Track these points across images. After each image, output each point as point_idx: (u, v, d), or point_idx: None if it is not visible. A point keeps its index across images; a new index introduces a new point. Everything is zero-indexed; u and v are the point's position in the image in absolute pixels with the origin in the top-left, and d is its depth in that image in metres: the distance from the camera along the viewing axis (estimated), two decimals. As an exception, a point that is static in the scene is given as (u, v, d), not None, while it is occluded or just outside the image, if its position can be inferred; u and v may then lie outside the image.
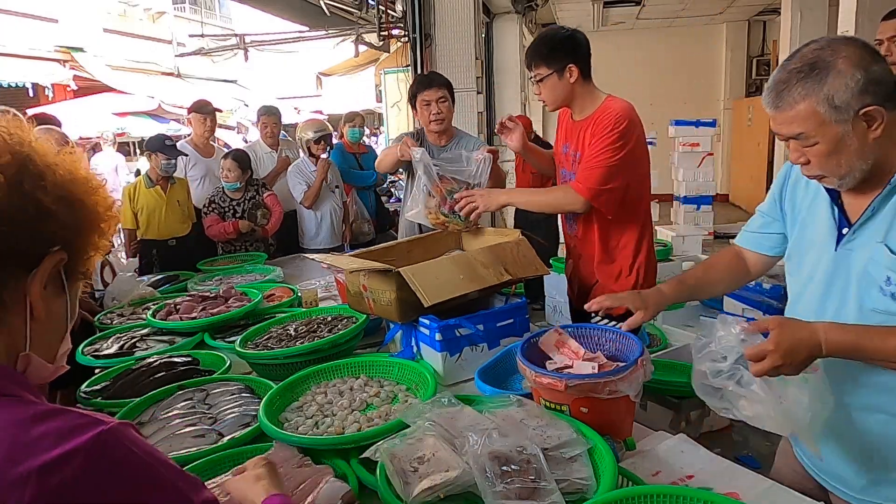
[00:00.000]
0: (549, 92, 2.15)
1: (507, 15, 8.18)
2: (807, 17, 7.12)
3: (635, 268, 2.27)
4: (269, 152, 4.50)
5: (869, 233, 1.21)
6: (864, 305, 1.20)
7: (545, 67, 2.12)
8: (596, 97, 2.17)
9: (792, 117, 1.15)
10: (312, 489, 1.19)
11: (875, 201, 1.19)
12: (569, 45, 2.11)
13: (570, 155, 2.25)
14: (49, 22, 11.40)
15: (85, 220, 0.79)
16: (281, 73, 15.33)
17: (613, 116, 2.07)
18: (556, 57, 2.11)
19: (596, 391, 1.30)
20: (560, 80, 2.12)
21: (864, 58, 1.11)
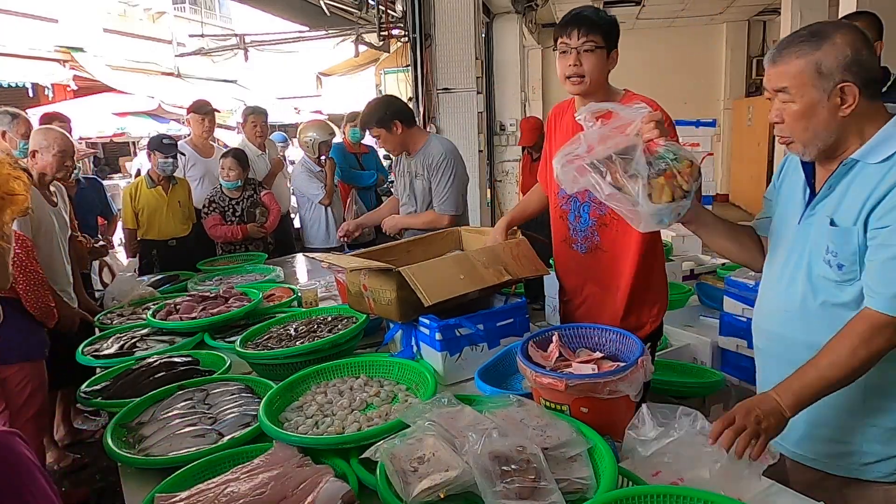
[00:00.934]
0: (594, 65, 1.89)
1: (507, 15, 8.18)
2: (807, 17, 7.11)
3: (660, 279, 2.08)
4: (259, 154, 4.45)
5: (823, 208, 1.34)
6: (812, 272, 1.34)
7: (602, 38, 1.89)
8: (614, 92, 2.00)
9: (783, 71, 1.28)
10: (312, 489, 1.19)
11: (831, 178, 1.32)
12: (617, 30, 1.96)
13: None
14: (49, 22, 11.39)
15: None
16: (281, 73, 15.33)
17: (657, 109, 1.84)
18: (612, 35, 1.93)
19: (596, 391, 1.30)
20: (606, 60, 1.92)
21: (858, 42, 1.24)
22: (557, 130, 2.11)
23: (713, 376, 2.54)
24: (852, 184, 1.29)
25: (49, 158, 2.74)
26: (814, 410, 1.31)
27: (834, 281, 1.30)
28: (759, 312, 1.53)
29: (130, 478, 1.45)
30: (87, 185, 3.84)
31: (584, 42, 1.88)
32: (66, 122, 4.09)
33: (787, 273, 1.41)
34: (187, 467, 1.35)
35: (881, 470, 1.34)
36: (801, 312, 1.37)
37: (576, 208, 2.05)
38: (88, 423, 3.72)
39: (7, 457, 0.66)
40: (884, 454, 1.33)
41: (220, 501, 1.18)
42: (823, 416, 1.36)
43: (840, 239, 1.28)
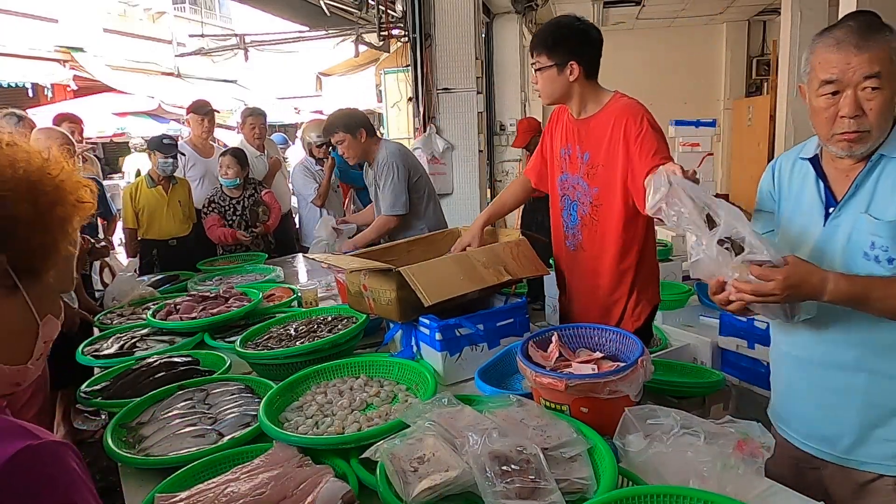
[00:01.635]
0: (545, 84, 2.01)
1: (507, 15, 8.17)
2: (807, 17, 7.12)
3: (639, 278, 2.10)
4: (258, 156, 4.45)
5: (853, 207, 1.31)
6: (851, 271, 1.28)
7: (546, 58, 1.98)
8: (601, 95, 2.03)
9: (875, 57, 1.21)
10: (312, 489, 1.19)
11: (858, 177, 1.30)
12: (577, 39, 1.97)
13: (577, 157, 2.06)
14: (49, 22, 11.40)
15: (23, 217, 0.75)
16: (281, 73, 15.34)
17: (644, 111, 1.95)
18: (559, 50, 1.96)
19: (596, 391, 1.30)
20: (559, 75, 1.98)
21: None
22: (556, 130, 2.18)
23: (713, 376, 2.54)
24: (880, 178, 1.28)
25: (49, 158, 2.74)
26: (866, 413, 1.32)
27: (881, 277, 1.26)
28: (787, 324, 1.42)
29: (130, 478, 1.45)
30: (87, 185, 3.84)
31: (534, 63, 2.03)
32: (77, 123, 4.10)
33: None
34: (187, 467, 1.35)
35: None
36: (843, 313, 1.30)
37: (568, 206, 2.13)
38: (88, 423, 3.71)
39: (55, 471, 0.66)
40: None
41: (220, 501, 1.18)
42: (878, 417, 1.33)
43: (888, 232, 1.24)
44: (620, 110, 1.96)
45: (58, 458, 0.67)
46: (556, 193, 2.19)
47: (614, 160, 1.95)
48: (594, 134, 2.01)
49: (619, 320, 2.09)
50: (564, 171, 2.13)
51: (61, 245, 0.80)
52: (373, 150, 3.12)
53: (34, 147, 0.80)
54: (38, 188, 0.77)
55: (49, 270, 0.81)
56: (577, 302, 2.21)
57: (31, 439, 0.65)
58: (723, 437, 1.20)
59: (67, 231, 0.81)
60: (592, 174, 2.02)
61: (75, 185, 0.81)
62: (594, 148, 2.01)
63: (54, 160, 0.80)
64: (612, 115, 1.97)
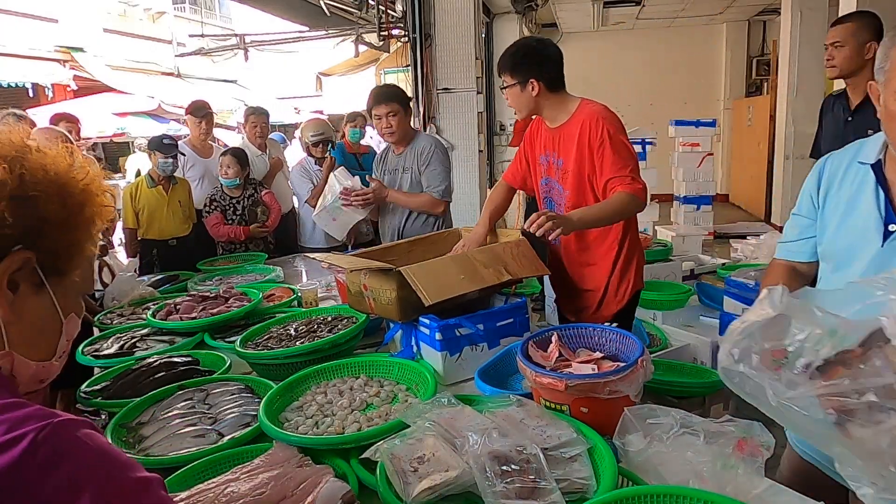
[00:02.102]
0: (513, 100, 2.23)
1: (507, 15, 8.19)
2: (807, 17, 7.13)
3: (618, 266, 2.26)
4: (259, 155, 4.42)
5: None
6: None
7: (510, 77, 2.20)
8: (568, 103, 2.21)
9: None
10: (312, 489, 1.19)
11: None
12: (534, 59, 2.17)
13: (553, 163, 2.26)
14: (49, 22, 11.40)
15: (52, 218, 0.78)
16: (281, 73, 15.33)
17: (597, 118, 2.10)
18: (520, 70, 2.17)
19: (596, 391, 1.30)
20: (522, 92, 2.18)
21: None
22: (536, 138, 2.37)
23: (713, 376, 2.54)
24: None
25: (49, 158, 2.74)
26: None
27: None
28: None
29: (130, 478, 1.45)
30: (87, 185, 3.84)
31: (501, 82, 2.25)
32: (74, 123, 4.10)
33: None
34: (187, 467, 1.35)
35: None
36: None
37: (550, 206, 2.34)
38: (88, 423, 3.72)
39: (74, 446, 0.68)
40: None
41: (220, 501, 1.18)
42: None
43: None
44: (584, 118, 2.14)
45: (83, 429, 0.69)
46: (539, 196, 2.41)
47: (581, 165, 2.15)
48: (565, 142, 2.21)
49: (601, 300, 2.28)
50: (545, 175, 2.34)
51: (86, 246, 0.83)
52: (409, 136, 3.07)
53: (61, 152, 0.83)
54: (67, 190, 0.80)
55: (74, 270, 0.83)
56: (563, 293, 2.41)
57: (54, 417, 0.68)
58: (723, 436, 1.20)
59: (92, 233, 0.84)
60: (565, 178, 2.22)
61: (100, 189, 0.84)
62: (565, 154, 2.21)
63: (79, 165, 0.83)
64: (578, 123, 2.16)
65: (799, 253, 1.43)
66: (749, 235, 6.37)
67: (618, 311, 2.27)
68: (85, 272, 0.86)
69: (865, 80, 2.73)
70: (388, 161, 3.17)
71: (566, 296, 2.41)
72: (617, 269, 2.25)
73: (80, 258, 0.83)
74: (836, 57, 2.66)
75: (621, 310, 2.27)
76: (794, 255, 1.44)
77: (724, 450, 1.16)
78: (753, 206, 9.67)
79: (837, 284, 1.26)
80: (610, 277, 2.26)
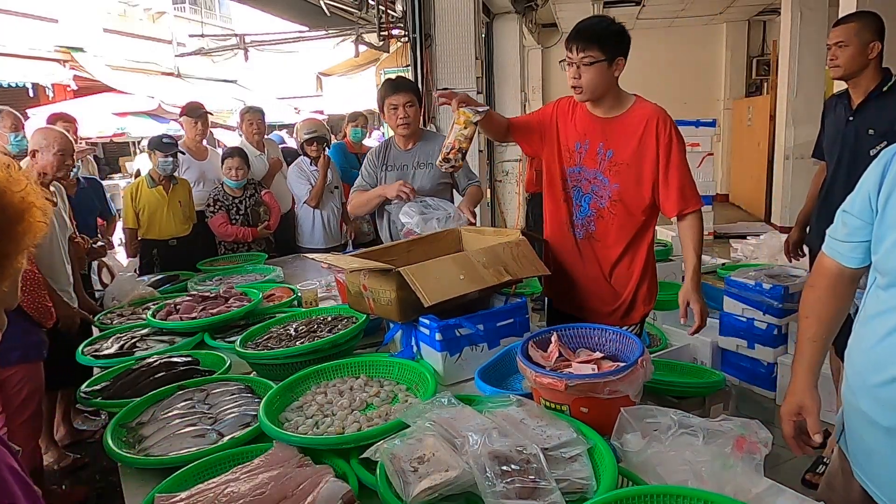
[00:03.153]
0: (593, 78, 2.04)
1: (507, 15, 8.18)
2: (807, 17, 7.12)
3: (649, 265, 2.25)
4: (258, 155, 4.39)
5: None
6: None
7: (599, 51, 2.01)
8: (625, 96, 2.14)
9: None
10: (312, 489, 1.19)
11: None
12: (622, 38, 2.07)
13: (596, 152, 2.15)
14: (49, 22, 11.40)
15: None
16: (281, 73, 15.34)
17: (669, 118, 2.08)
18: (611, 44, 2.03)
19: (596, 391, 1.30)
20: (608, 70, 2.04)
21: None
22: (568, 122, 2.23)
23: (713, 376, 2.54)
24: None
25: (49, 158, 2.75)
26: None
27: None
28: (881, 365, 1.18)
29: (130, 478, 1.45)
30: (86, 185, 3.84)
31: (583, 57, 2.03)
32: (71, 123, 4.10)
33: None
34: (187, 467, 1.35)
35: None
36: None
37: (579, 197, 2.22)
38: (88, 423, 3.72)
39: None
40: None
41: (220, 501, 1.18)
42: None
43: None
44: (651, 114, 2.07)
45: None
46: (559, 183, 2.26)
47: (642, 160, 2.07)
48: (621, 133, 2.10)
49: (629, 308, 2.20)
50: (578, 164, 2.20)
51: (16, 258, 0.82)
52: (419, 134, 2.97)
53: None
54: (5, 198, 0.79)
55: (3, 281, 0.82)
56: (578, 290, 2.29)
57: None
58: (721, 435, 1.20)
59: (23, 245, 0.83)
60: (615, 171, 2.11)
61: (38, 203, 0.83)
62: (620, 146, 2.10)
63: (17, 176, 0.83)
64: (644, 117, 2.08)
65: (850, 258, 1.30)
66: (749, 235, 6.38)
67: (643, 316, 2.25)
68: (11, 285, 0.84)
69: (868, 80, 2.74)
70: (393, 157, 2.94)
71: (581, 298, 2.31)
72: (644, 280, 2.23)
73: (10, 270, 0.82)
74: (839, 57, 2.65)
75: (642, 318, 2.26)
76: (843, 259, 1.31)
77: (723, 449, 1.16)
78: (753, 207, 9.67)
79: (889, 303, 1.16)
80: (637, 289, 2.22)
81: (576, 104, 2.21)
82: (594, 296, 2.25)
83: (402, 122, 2.82)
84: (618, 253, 2.18)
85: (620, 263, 2.20)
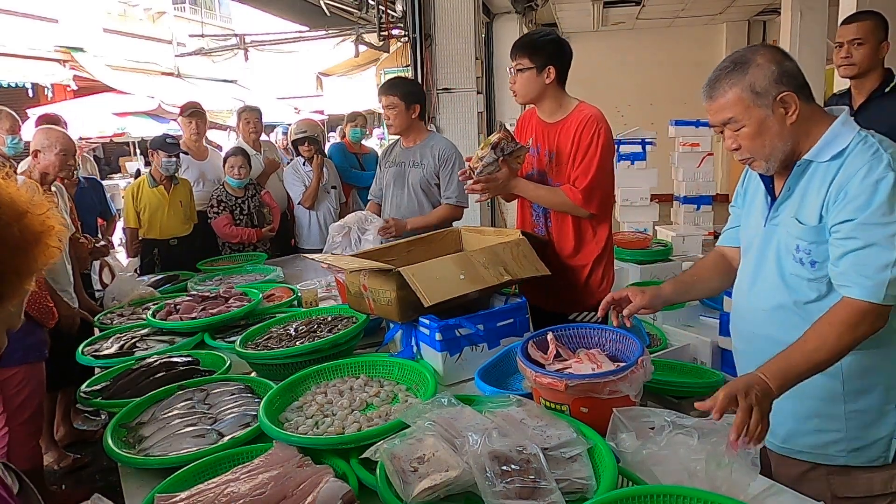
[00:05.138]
0: (523, 84, 2.27)
1: (507, 15, 8.18)
2: (807, 17, 7.11)
3: (603, 259, 2.35)
4: (254, 155, 4.35)
5: (787, 209, 1.40)
6: (784, 271, 1.40)
7: (528, 60, 2.23)
8: (567, 102, 2.30)
9: (722, 105, 1.36)
10: (312, 489, 1.19)
11: (789, 180, 1.38)
12: (554, 47, 2.25)
13: (544, 155, 2.34)
14: (49, 22, 11.39)
15: (8, 242, 0.79)
16: (281, 73, 15.31)
17: (595, 122, 2.20)
18: (540, 54, 2.23)
19: (596, 391, 1.30)
20: (537, 77, 2.23)
21: (777, 56, 1.34)
22: (527, 130, 2.43)
23: (713, 376, 2.54)
24: (809, 183, 1.36)
25: (52, 158, 2.75)
26: (798, 405, 1.38)
27: (806, 279, 1.36)
28: (736, 314, 1.58)
29: (130, 478, 1.45)
30: (87, 185, 3.84)
31: (516, 64, 2.27)
32: (59, 125, 4.08)
33: (760, 275, 1.46)
34: (187, 467, 1.35)
35: (867, 455, 1.38)
36: (776, 311, 1.41)
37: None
38: (88, 423, 3.72)
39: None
40: (869, 438, 1.37)
41: (220, 501, 1.18)
42: (808, 409, 1.40)
43: (812, 237, 1.33)
44: (585, 116, 2.22)
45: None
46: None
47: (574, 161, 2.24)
48: (561, 137, 2.26)
49: (584, 289, 2.34)
50: (533, 168, 2.38)
51: (27, 279, 0.84)
52: (419, 133, 3.06)
53: (21, 186, 0.85)
54: (26, 218, 0.81)
55: (11, 300, 0.84)
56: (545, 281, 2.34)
57: None
58: (715, 433, 1.21)
59: (37, 267, 0.85)
60: (557, 171, 2.29)
61: (57, 227, 0.86)
62: (560, 148, 2.27)
63: (39, 200, 0.85)
64: (576, 121, 2.23)
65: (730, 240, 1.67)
66: (749, 235, 6.36)
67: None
68: (17, 306, 0.86)
69: (873, 81, 2.73)
70: (395, 153, 3.14)
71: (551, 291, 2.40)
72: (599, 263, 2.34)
73: (19, 290, 0.84)
74: (855, 55, 2.61)
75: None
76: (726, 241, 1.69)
77: (718, 448, 1.16)
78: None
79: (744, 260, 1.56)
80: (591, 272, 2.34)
81: (533, 111, 2.40)
82: (557, 285, 2.36)
83: (388, 123, 3.04)
84: (570, 246, 2.32)
85: (575, 255, 2.33)
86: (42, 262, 0.84)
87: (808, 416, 1.41)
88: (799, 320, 1.35)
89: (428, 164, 2.97)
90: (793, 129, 1.34)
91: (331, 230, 2.91)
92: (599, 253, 2.33)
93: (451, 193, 2.97)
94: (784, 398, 1.31)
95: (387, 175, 3.12)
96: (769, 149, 1.35)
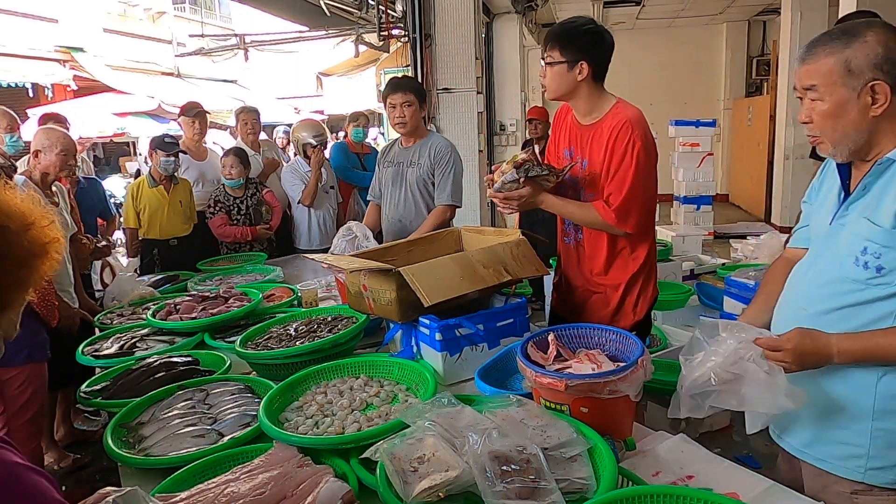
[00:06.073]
0: (553, 79, 2.05)
1: (507, 15, 8.18)
2: (807, 17, 7.12)
3: (640, 279, 2.16)
4: (253, 154, 4.35)
5: (858, 209, 1.29)
6: (841, 275, 1.29)
7: (559, 53, 2.01)
8: (604, 101, 2.07)
9: (812, 69, 1.26)
10: (312, 489, 1.19)
11: (866, 178, 1.28)
12: (589, 40, 2.01)
13: (578, 162, 2.13)
14: (49, 22, 11.38)
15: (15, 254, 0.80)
16: (281, 73, 15.30)
17: (630, 127, 1.98)
18: (572, 46, 2.00)
19: (596, 391, 1.30)
20: (568, 72, 2.01)
21: (892, 40, 1.20)
22: (561, 129, 2.22)
23: (713, 376, 2.54)
24: (889, 184, 1.24)
25: (52, 158, 2.75)
26: (825, 412, 1.32)
27: (863, 281, 1.25)
28: (780, 310, 1.46)
29: (130, 478, 1.45)
30: (86, 185, 3.84)
31: (546, 57, 2.06)
32: (62, 123, 4.09)
33: (813, 274, 1.37)
34: (187, 467, 1.35)
35: (887, 476, 1.30)
36: (821, 314, 1.32)
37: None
38: (88, 423, 3.72)
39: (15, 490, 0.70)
40: (891, 459, 1.29)
41: (220, 501, 1.18)
42: (834, 419, 1.33)
43: (885, 240, 1.22)
44: (619, 122, 1.99)
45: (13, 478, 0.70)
46: (554, 189, 2.22)
47: (608, 174, 2.03)
48: (594, 143, 2.06)
49: (617, 311, 2.15)
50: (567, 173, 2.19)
51: (26, 292, 0.85)
52: (421, 133, 3.04)
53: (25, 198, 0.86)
54: (33, 230, 0.82)
55: (11, 309, 0.84)
56: (575, 295, 2.28)
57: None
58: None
59: (40, 277, 0.85)
60: (588, 181, 2.09)
61: (60, 239, 0.87)
62: (592, 157, 2.07)
63: (43, 211, 0.86)
64: (609, 126, 2.01)
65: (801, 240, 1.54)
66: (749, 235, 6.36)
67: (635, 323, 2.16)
68: (16, 316, 0.86)
69: None
70: (393, 153, 3.12)
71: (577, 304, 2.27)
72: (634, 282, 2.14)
73: (20, 298, 0.84)
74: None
75: (639, 321, 2.17)
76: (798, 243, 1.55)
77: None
78: (753, 206, 9.67)
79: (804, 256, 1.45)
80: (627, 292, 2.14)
81: (568, 109, 2.18)
82: (586, 301, 2.22)
83: (398, 121, 2.95)
84: (601, 263, 2.13)
85: (606, 273, 2.14)
86: (44, 272, 0.85)
87: (833, 427, 1.34)
88: (842, 324, 1.28)
89: (424, 163, 2.97)
90: (874, 121, 1.23)
91: (340, 232, 2.83)
92: (636, 271, 2.11)
93: (445, 193, 2.96)
94: (811, 405, 1.28)
95: (385, 175, 3.11)
96: (840, 134, 1.26)
